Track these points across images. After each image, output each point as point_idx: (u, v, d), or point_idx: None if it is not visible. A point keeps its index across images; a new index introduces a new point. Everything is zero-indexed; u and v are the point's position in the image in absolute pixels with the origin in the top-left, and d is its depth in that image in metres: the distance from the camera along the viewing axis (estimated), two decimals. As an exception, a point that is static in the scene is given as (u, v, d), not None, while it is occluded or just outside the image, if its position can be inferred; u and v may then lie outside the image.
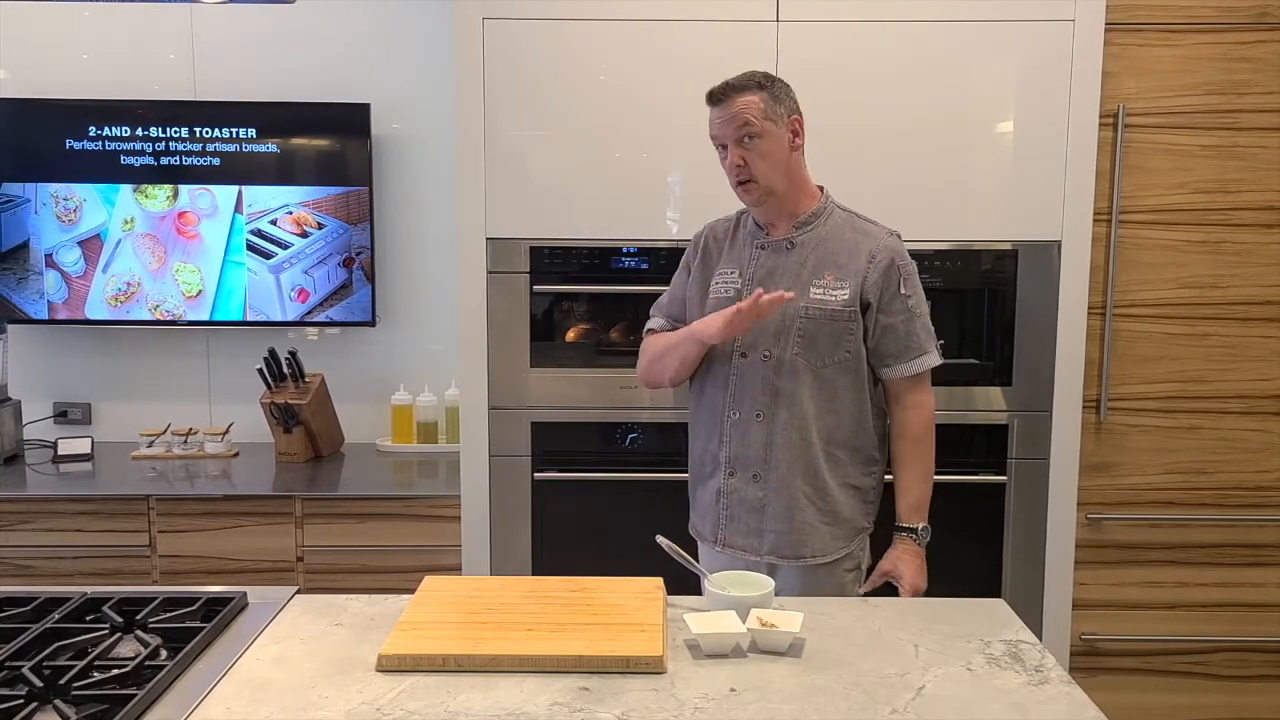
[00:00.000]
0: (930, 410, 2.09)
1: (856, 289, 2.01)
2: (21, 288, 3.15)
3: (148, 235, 3.15)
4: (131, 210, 3.14)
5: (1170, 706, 2.83)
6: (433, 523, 2.78)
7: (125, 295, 3.16)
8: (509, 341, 2.66)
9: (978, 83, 2.60)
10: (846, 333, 2.02)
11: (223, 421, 3.24)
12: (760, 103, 1.99)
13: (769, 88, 2.01)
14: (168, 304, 3.17)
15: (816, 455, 2.04)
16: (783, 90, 2.03)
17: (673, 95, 2.56)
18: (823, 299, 2.01)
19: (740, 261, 2.10)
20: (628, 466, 2.69)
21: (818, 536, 2.05)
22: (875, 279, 2.02)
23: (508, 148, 2.60)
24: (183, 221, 3.14)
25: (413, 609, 1.65)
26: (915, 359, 2.05)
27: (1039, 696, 1.42)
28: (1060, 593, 2.72)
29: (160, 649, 1.50)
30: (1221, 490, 2.78)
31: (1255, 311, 2.73)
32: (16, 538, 2.76)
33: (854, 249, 2.04)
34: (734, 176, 2.03)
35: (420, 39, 3.17)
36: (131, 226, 3.14)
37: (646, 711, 1.36)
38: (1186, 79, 2.65)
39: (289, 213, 3.14)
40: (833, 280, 2.02)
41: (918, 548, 2.09)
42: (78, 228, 3.14)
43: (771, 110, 1.99)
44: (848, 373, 2.04)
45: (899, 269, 2.03)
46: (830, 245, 2.04)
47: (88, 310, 3.16)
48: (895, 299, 2.03)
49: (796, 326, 2.02)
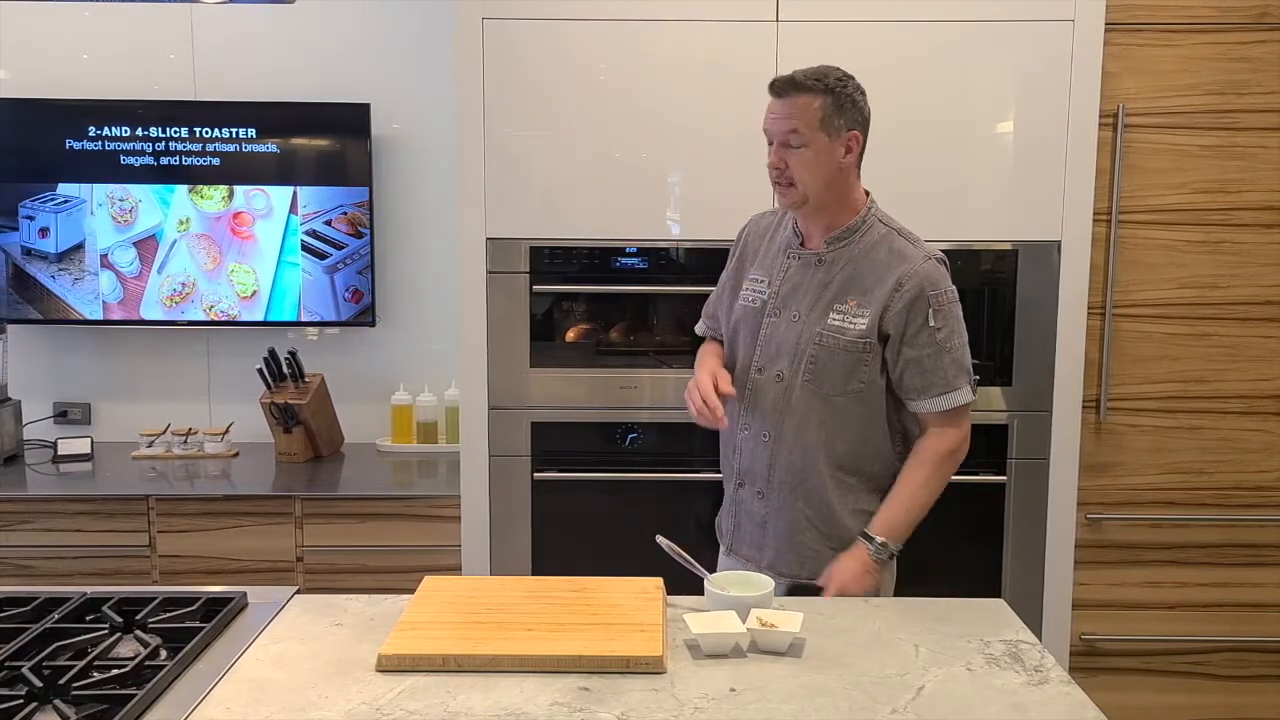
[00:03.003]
0: (952, 441, 1.93)
1: (875, 319, 1.88)
2: (77, 288, 3.16)
3: (203, 236, 3.15)
4: (187, 211, 3.14)
5: (1170, 706, 2.84)
6: (433, 523, 2.78)
7: (180, 296, 3.16)
8: (509, 341, 2.66)
9: (978, 83, 2.61)
10: (861, 364, 1.90)
11: (223, 421, 3.24)
12: (819, 110, 1.85)
13: (836, 93, 1.86)
14: (222, 304, 3.17)
15: (822, 480, 1.94)
16: (850, 99, 1.87)
17: (673, 95, 2.56)
18: (840, 326, 1.90)
19: (771, 269, 2.00)
20: (628, 466, 2.69)
21: (819, 559, 1.95)
22: (899, 310, 1.87)
23: (508, 148, 2.60)
24: (238, 222, 3.14)
25: (413, 609, 1.65)
26: (941, 395, 1.90)
27: (1039, 696, 1.42)
28: (1060, 593, 2.72)
29: (160, 649, 1.50)
30: (1221, 490, 2.78)
31: (1255, 311, 2.73)
32: (16, 538, 2.76)
33: (884, 272, 1.89)
34: (772, 175, 1.92)
35: (420, 39, 3.17)
36: (187, 227, 3.15)
37: (646, 711, 1.36)
38: (1186, 79, 2.65)
39: (344, 213, 3.14)
40: (855, 306, 1.89)
41: (868, 557, 1.90)
42: (133, 228, 3.14)
43: (830, 121, 1.85)
44: (862, 404, 1.92)
45: (929, 300, 1.87)
46: (861, 265, 1.91)
47: (143, 311, 3.17)
48: (922, 331, 1.87)
49: (809, 353, 1.91)
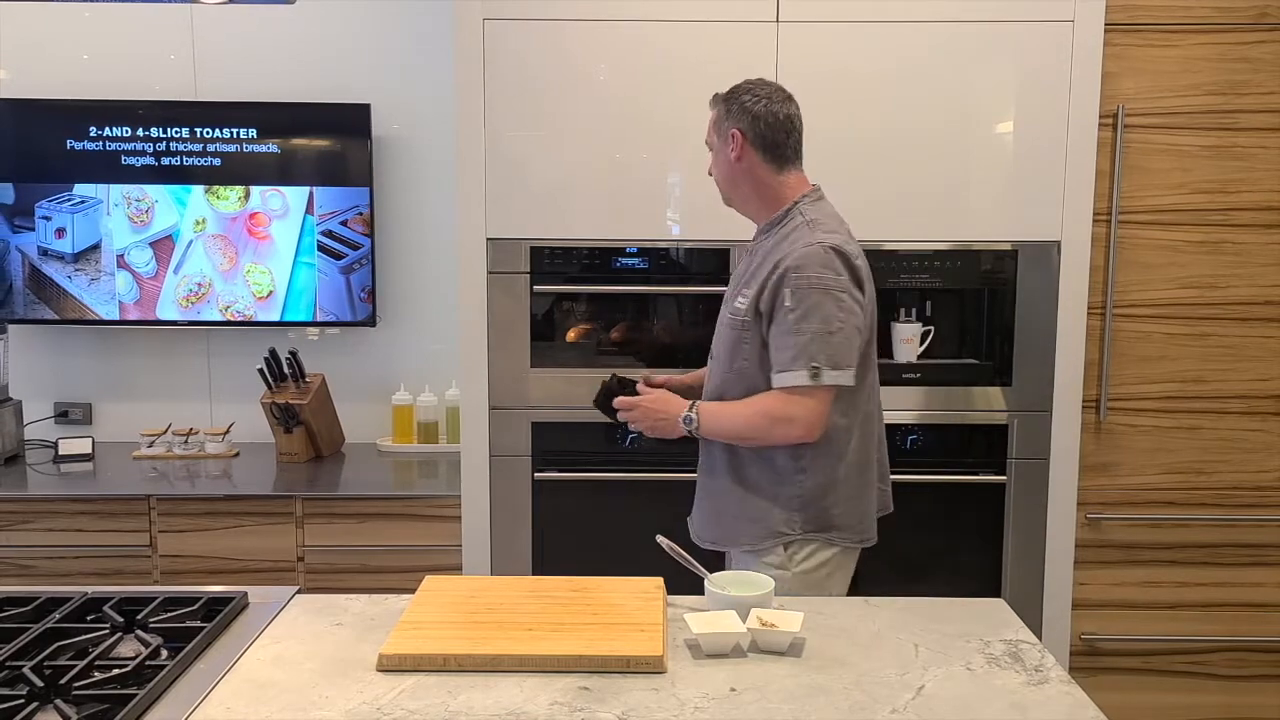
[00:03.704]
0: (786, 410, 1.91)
1: (753, 298, 1.97)
2: (94, 288, 3.16)
3: (219, 236, 3.15)
4: (203, 211, 3.14)
5: (1170, 706, 2.84)
6: (433, 523, 2.78)
7: (196, 296, 3.16)
8: (509, 341, 2.66)
9: (978, 83, 2.61)
10: (741, 342, 1.99)
11: (223, 421, 3.24)
12: (714, 119, 2.06)
13: (727, 100, 2.04)
14: (238, 305, 3.17)
15: (714, 457, 2.06)
16: (737, 102, 2.02)
17: (673, 95, 2.56)
18: (735, 308, 2.03)
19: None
20: (628, 466, 2.70)
21: (720, 524, 2.07)
22: (770, 289, 1.94)
23: (508, 148, 2.60)
24: (254, 222, 3.15)
25: (413, 609, 1.65)
26: (779, 373, 1.93)
27: (1039, 696, 1.42)
28: (1060, 592, 2.72)
29: (161, 649, 1.50)
30: (1221, 490, 2.78)
31: (1255, 311, 2.73)
32: (17, 538, 2.76)
33: (776, 258, 1.97)
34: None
35: (420, 39, 3.17)
36: (203, 227, 3.15)
37: (646, 711, 1.36)
38: (1186, 79, 2.65)
39: (359, 213, 3.14)
40: (751, 291, 1.99)
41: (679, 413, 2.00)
42: (149, 229, 3.15)
43: (720, 125, 2.05)
44: (742, 383, 1.99)
45: (789, 280, 1.91)
46: (773, 255, 1.99)
47: (159, 311, 3.17)
48: (779, 310, 1.93)
49: (719, 334, 2.09)
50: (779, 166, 2.04)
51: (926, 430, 2.69)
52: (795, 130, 2.05)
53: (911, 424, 2.68)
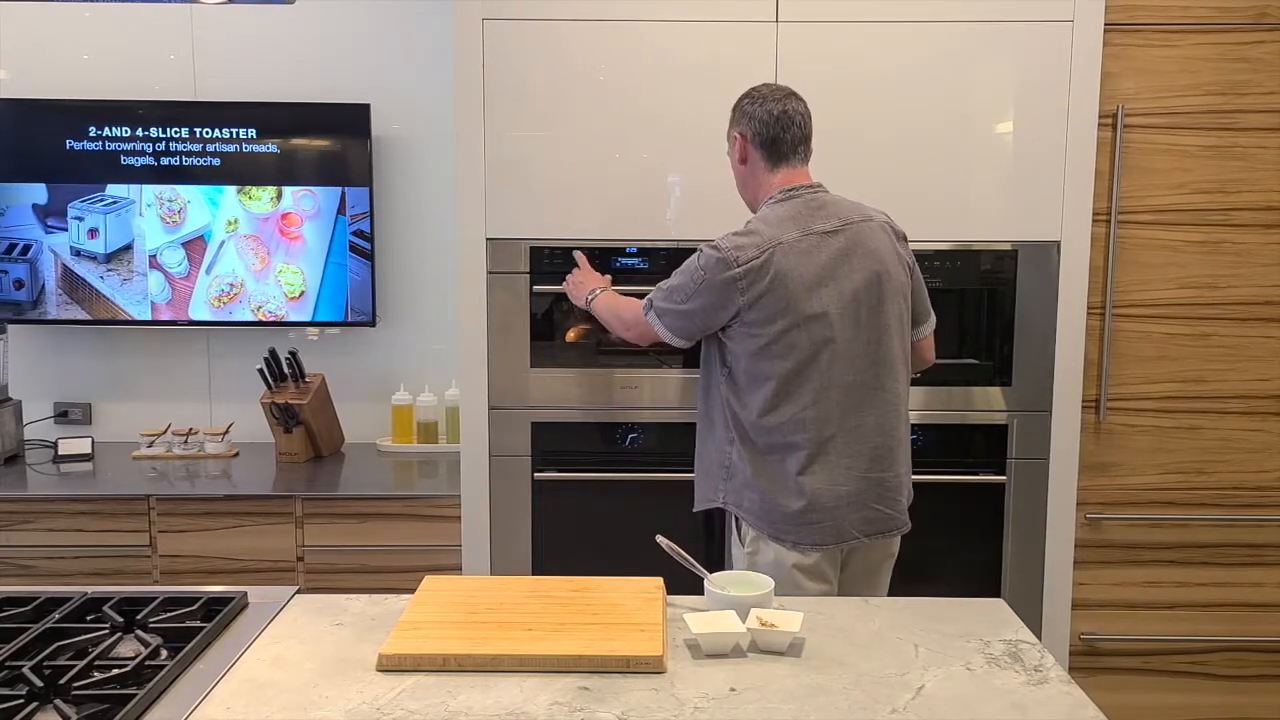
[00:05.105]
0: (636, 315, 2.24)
1: None
2: (126, 289, 3.16)
3: (251, 236, 3.15)
4: (235, 211, 3.14)
5: (1169, 706, 2.84)
6: (433, 523, 2.78)
7: (228, 296, 3.17)
8: (509, 341, 2.66)
9: (977, 83, 2.61)
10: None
11: (223, 421, 3.24)
12: (727, 128, 2.19)
13: (733, 109, 2.17)
14: (270, 305, 3.17)
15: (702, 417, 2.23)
16: (739, 108, 2.15)
17: (673, 96, 2.56)
18: None
19: None
20: (628, 466, 2.69)
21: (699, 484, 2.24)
22: None
23: (508, 148, 2.60)
24: (286, 222, 3.15)
25: (413, 609, 1.65)
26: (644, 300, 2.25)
27: (1038, 696, 1.42)
28: (1060, 592, 2.72)
29: (160, 649, 1.50)
30: (1221, 490, 2.78)
31: (1255, 311, 2.73)
32: (17, 538, 2.76)
33: None
34: None
35: (420, 39, 3.17)
36: (235, 227, 3.15)
37: (646, 711, 1.36)
38: (1186, 79, 2.65)
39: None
40: None
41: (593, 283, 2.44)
42: (182, 229, 3.15)
43: (729, 133, 2.19)
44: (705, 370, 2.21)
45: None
46: None
47: (191, 311, 3.18)
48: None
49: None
50: (774, 164, 2.13)
51: (926, 430, 2.69)
52: (794, 125, 2.08)
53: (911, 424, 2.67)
